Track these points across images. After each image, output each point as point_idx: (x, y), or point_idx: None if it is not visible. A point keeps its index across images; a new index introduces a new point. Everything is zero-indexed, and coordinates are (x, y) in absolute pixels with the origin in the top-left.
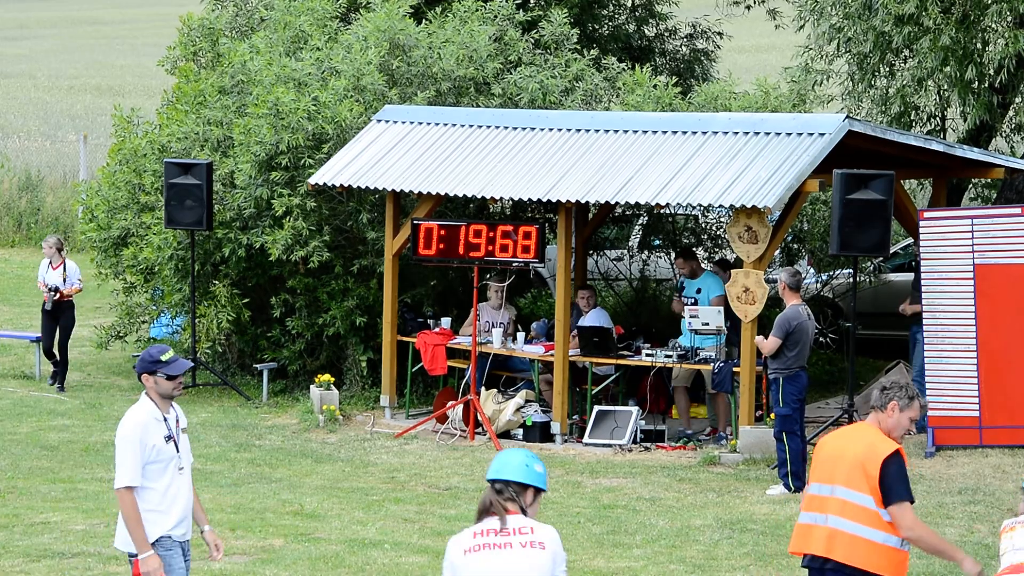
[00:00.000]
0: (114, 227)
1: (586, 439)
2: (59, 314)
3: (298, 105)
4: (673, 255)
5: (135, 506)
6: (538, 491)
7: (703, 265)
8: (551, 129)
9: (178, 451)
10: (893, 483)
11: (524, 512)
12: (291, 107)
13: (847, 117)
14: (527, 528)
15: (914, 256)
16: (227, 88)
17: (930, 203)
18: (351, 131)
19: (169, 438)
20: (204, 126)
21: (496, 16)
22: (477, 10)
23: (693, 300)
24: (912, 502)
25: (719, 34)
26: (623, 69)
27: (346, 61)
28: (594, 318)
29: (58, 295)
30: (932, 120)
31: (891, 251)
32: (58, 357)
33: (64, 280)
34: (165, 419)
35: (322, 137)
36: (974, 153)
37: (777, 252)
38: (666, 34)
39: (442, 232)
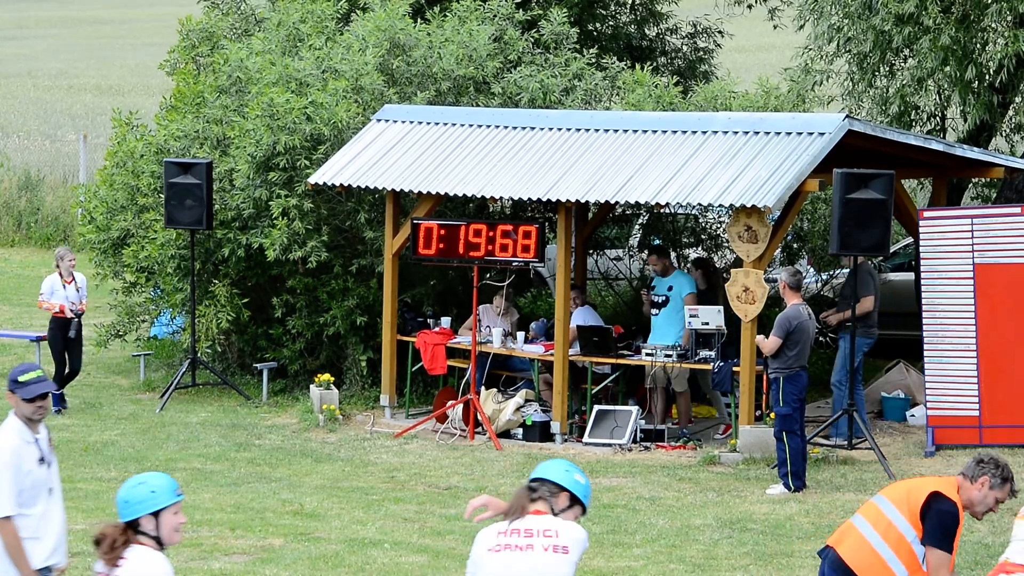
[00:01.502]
0: (113, 228)
1: (586, 439)
2: (77, 333)
3: (292, 106)
4: (646, 252)
5: (19, 536)
6: (575, 501)
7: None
8: (551, 129)
9: (49, 471)
10: (935, 524)
11: (554, 515)
12: (285, 108)
13: (847, 117)
14: (552, 531)
15: (912, 256)
16: (225, 87)
17: (930, 202)
18: (348, 132)
19: (42, 460)
20: (204, 124)
21: (495, 15)
22: (476, 9)
23: (664, 299)
24: (949, 553)
25: (720, 32)
26: (623, 68)
27: (344, 61)
28: (579, 316)
29: (81, 313)
30: (932, 120)
31: (891, 250)
32: (66, 375)
33: (77, 291)
34: (36, 440)
35: (319, 138)
36: (974, 152)
37: (778, 251)
38: (667, 33)
39: (442, 232)
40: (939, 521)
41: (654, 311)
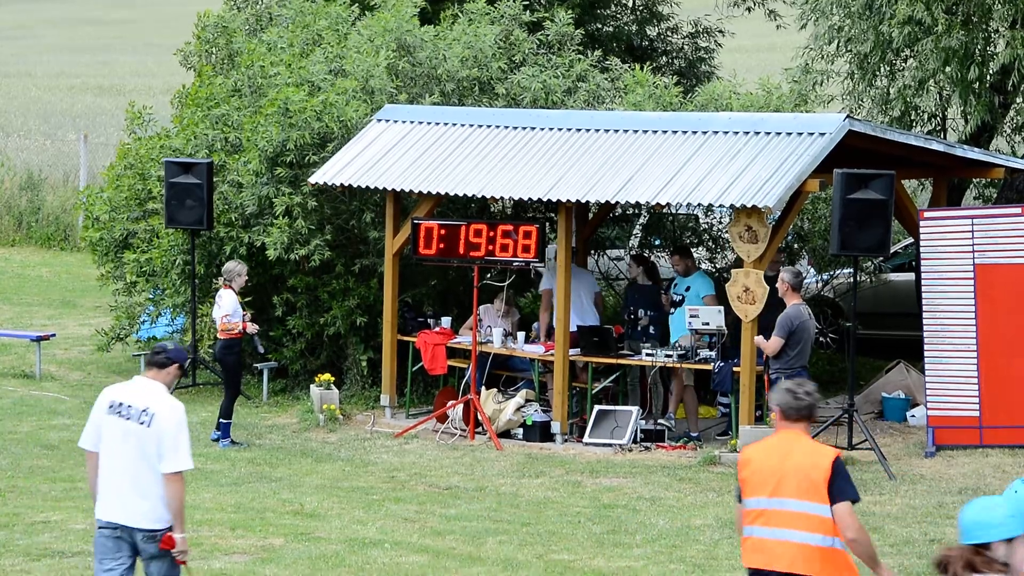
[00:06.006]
0: (116, 229)
1: (586, 439)
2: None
3: (307, 104)
4: (670, 252)
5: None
6: None
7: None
8: (551, 129)
9: None
10: (842, 482)
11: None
12: (300, 106)
13: (847, 117)
14: None
15: (913, 257)
16: (243, 91)
17: (930, 203)
18: (356, 130)
19: None
20: (212, 129)
21: (503, 16)
22: (487, 13)
23: (681, 298)
24: (856, 501)
25: (721, 32)
26: (625, 69)
27: (354, 62)
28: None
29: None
30: (932, 120)
31: (891, 251)
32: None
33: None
34: None
35: (327, 136)
36: (974, 153)
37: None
38: (668, 33)
39: (442, 231)
40: (846, 476)
41: (672, 310)
